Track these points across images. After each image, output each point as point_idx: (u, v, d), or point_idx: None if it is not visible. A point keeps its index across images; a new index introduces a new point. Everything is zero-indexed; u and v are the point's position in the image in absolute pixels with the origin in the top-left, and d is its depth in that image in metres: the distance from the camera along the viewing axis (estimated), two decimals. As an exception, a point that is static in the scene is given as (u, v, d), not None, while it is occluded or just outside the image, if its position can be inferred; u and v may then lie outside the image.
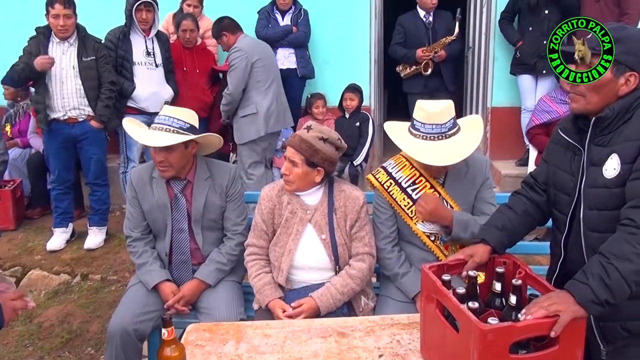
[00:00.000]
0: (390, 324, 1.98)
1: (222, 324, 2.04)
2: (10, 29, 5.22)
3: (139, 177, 2.55)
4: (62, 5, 3.91)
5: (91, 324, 3.35)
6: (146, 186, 2.53)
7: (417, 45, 4.93)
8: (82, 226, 4.53)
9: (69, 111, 4.10)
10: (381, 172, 2.45)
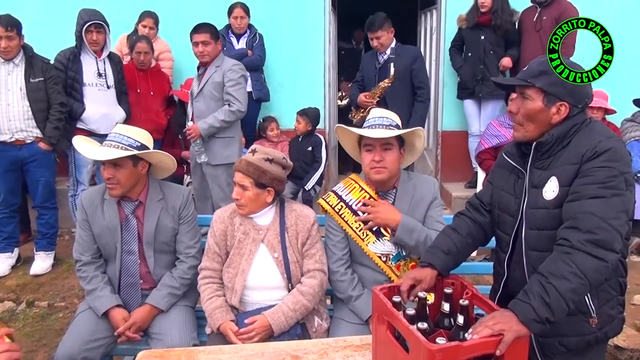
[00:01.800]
0: (344, 346, 1.99)
1: (174, 350, 2.01)
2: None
3: (90, 199, 2.51)
4: (3, 28, 3.85)
5: (37, 353, 3.22)
6: (97, 208, 2.49)
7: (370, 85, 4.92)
8: (28, 251, 4.37)
9: (15, 133, 3.98)
10: (332, 195, 2.50)
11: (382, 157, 2.34)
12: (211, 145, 4.10)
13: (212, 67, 4.05)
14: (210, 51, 4.03)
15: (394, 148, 2.35)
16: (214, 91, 4.04)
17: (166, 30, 5.21)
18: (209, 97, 4.07)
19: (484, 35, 4.90)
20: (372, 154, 2.35)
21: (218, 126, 4.01)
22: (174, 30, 5.15)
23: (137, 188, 2.51)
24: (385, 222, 2.36)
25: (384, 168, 2.35)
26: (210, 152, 4.10)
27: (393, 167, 2.36)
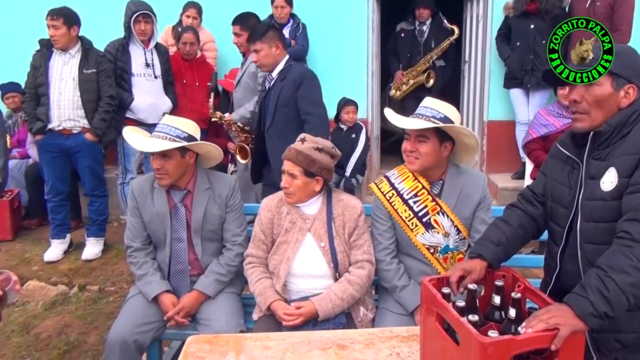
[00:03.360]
0: (390, 337, 1.99)
1: (221, 336, 2.05)
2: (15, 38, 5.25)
3: (140, 187, 2.57)
4: (50, 17, 3.99)
5: (89, 335, 3.34)
6: (147, 196, 2.55)
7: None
8: (79, 237, 4.53)
9: (64, 122, 4.12)
10: (384, 181, 2.48)
11: (415, 148, 2.32)
12: None
13: (250, 58, 4.05)
14: (243, 42, 4.10)
15: (430, 141, 2.30)
16: (249, 81, 4.10)
17: (210, 21, 5.26)
18: (245, 87, 4.13)
19: (533, 24, 4.74)
20: (408, 142, 2.34)
21: (249, 117, 4.06)
22: (218, 21, 5.19)
23: (186, 177, 2.55)
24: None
25: (416, 159, 2.33)
26: None
27: (426, 159, 2.33)
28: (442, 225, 2.37)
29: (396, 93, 5.57)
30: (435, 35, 5.39)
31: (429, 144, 2.31)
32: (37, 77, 4.13)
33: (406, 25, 5.56)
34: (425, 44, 5.43)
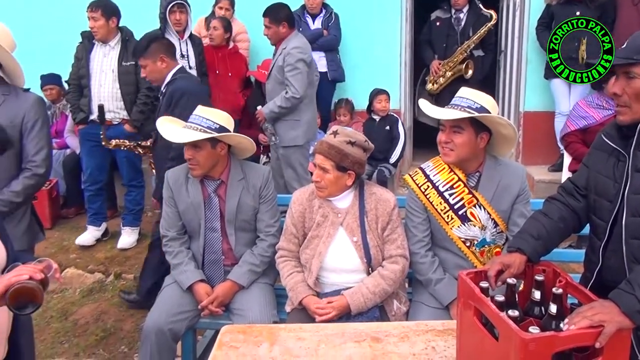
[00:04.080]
0: (425, 330, 1.96)
1: (255, 326, 2.05)
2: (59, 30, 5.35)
3: (175, 177, 2.59)
4: (89, 9, 4.04)
5: (124, 322, 3.41)
6: (182, 186, 2.57)
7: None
8: (115, 226, 4.62)
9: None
10: (419, 173, 2.44)
11: (450, 139, 2.27)
12: (278, 128, 4.17)
13: (279, 50, 4.10)
14: (272, 35, 4.09)
15: (465, 132, 2.25)
16: (277, 74, 4.08)
17: (243, 12, 5.26)
18: (274, 80, 4.13)
19: (579, 10, 4.58)
20: (443, 133, 2.30)
21: (277, 111, 4.07)
22: (251, 12, 5.18)
23: (219, 168, 2.56)
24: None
25: (451, 150, 2.28)
26: (279, 134, 4.18)
27: (462, 150, 2.27)
28: (479, 218, 2.33)
29: (433, 87, 5.27)
30: (473, 23, 5.14)
31: (464, 135, 2.26)
32: (79, 69, 4.21)
33: (441, 13, 5.33)
34: (463, 32, 5.17)
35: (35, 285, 1.45)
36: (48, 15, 5.55)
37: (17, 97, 2.41)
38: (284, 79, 4.03)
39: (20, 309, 1.45)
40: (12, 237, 2.15)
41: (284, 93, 4.01)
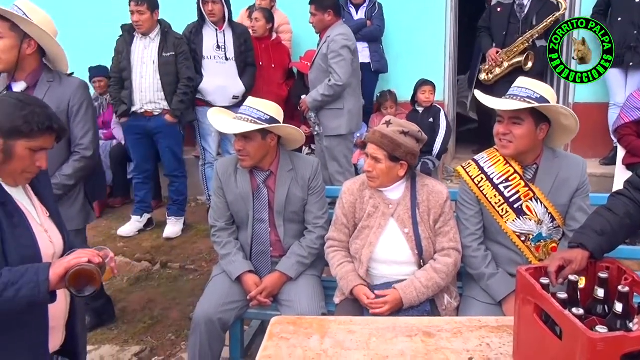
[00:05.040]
0: (479, 326, 1.91)
1: (305, 318, 2.04)
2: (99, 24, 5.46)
3: (225, 168, 2.61)
4: (134, 2, 4.09)
5: (171, 310, 3.47)
6: (231, 177, 2.58)
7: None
8: (161, 216, 4.70)
9: (145, 105, 4.26)
10: (472, 165, 2.38)
11: (509, 131, 2.20)
12: (322, 118, 4.15)
13: (324, 39, 4.09)
14: (317, 22, 4.09)
15: (525, 123, 2.17)
16: (321, 63, 4.06)
17: (286, 3, 5.25)
18: (318, 69, 4.11)
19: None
20: (500, 125, 2.22)
21: (320, 100, 4.04)
22: (293, 3, 5.18)
23: (268, 159, 2.56)
24: None
25: (510, 142, 2.21)
26: (322, 124, 4.16)
27: (521, 142, 2.20)
28: (535, 212, 2.25)
29: (487, 77, 4.99)
30: (538, 11, 4.82)
31: (524, 126, 2.18)
32: (120, 62, 4.29)
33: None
34: (525, 20, 4.84)
35: (94, 268, 1.49)
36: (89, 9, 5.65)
37: (62, 82, 2.47)
38: (327, 67, 4.01)
39: (79, 291, 1.49)
40: (68, 217, 2.27)
41: (327, 81, 3.99)
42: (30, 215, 1.62)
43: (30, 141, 1.56)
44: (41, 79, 2.41)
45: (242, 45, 4.51)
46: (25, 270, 1.44)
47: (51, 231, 1.69)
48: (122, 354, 3.04)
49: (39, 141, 1.58)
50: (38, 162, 1.60)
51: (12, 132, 1.53)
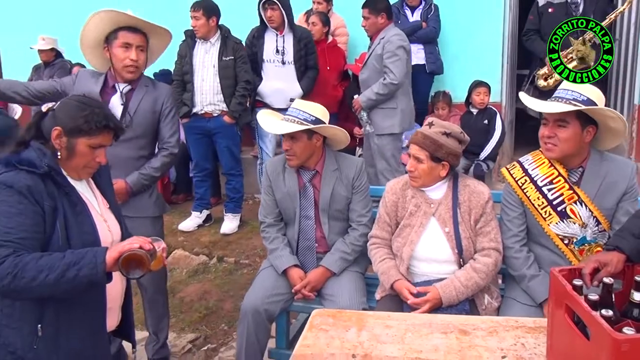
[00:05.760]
0: (515, 326, 1.93)
1: (345, 312, 2.12)
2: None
3: (274, 167, 2.73)
4: (193, 9, 4.33)
5: (225, 302, 3.64)
6: (279, 176, 2.70)
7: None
8: (219, 212, 4.91)
9: (205, 106, 4.47)
10: (517, 167, 2.38)
11: (554, 134, 2.18)
12: (374, 117, 4.22)
13: (377, 40, 4.17)
14: (370, 25, 4.18)
15: (570, 126, 2.15)
16: (375, 63, 4.14)
17: (342, 6, 5.34)
18: (371, 69, 4.18)
19: None
20: (545, 128, 2.21)
21: (374, 99, 4.12)
22: (349, 6, 5.25)
23: (314, 158, 2.66)
24: None
25: (554, 145, 2.20)
26: (374, 123, 4.23)
27: (566, 145, 2.18)
28: (580, 215, 2.23)
29: (547, 83, 4.59)
30: (594, 9, 4.61)
31: (570, 129, 2.16)
32: (183, 66, 4.52)
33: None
34: None
35: (144, 254, 1.64)
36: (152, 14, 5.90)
37: (155, 87, 2.72)
38: (382, 67, 4.09)
39: (128, 273, 1.65)
40: (148, 205, 2.66)
41: (382, 79, 4.07)
42: (91, 205, 1.80)
43: (90, 139, 1.74)
44: (140, 83, 2.66)
45: (303, 49, 4.62)
46: (86, 253, 1.60)
47: (110, 221, 1.86)
48: (178, 340, 3.24)
49: (98, 139, 1.75)
50: (97, 158, 1.78)
51: (74, 130, 1.71)
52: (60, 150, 1.72)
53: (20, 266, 1.53)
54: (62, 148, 1.72)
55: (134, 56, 2.54)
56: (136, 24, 2.57)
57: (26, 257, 1.55)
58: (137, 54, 2.56)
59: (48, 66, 5.99)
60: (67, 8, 6.07)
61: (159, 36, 2.67)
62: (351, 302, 2.49)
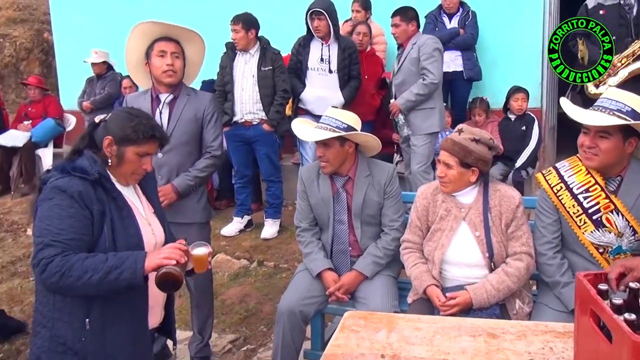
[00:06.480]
0: (544, 331, 1.94)
1: (376, 314, 2.18)
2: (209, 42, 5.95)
3: (308, 173, 2.83)
4: (233, 22, 4.50)
5: (264, 305, 3.76)
6: (314, 182, 2.79)
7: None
8: (259, 218, 5.05)
9: (245, 115, 4.62)
10: (553, 173, 2.38)
11: (595, 144, 2.16)
12: (412, 118, 4.32)
13: (409, 45, 4.31)
14: (400, 33, 4.32)
15: (612, 137, 2.13)
16: (411, 67, 4.25)
17: (380, 14, 5.38)
18: (407, 73, 4.29)
19: None
20: (586, 137, 2.19)
21: (414, 100, 4.23)
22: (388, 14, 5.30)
23: (347, 165, 2.74)
24: None
25: (595, 155, 2.18)
26: (413, 124, 4.33)
27: (607, 157, 2.16)
28: (616, 224, 2.21)
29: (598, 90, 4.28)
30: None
31: (611, 141, 2.13)
32: (224, 76, 4.69)
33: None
34: (637, 21, 4.40)
35: (179, 272, 1.74)
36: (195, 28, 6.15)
37: (197, 95, 2.88)
38: (418, 70, 4.22)
39: (163, 289, 1.77)
40: (195, 211, 2.82)
41: (421, 80, 4.20)
42: (137, 210, 1.94)
43: (138, 147, 1.88)
44: (182, 92, 2.82)
45: (347, 59, 4.69)
46: (126, 257, 1.73)
47: (154, 225, 2.00)
48: (219, 340, 3.37)
49: (144, 147, 1.90)
50: (144, 165, 1.93)
51: (123, 139, 1.87)
52: (111, 158, 1.87)
53: (67, 266, 1.66)
54: (112, 156, 1.87)
55: (170, 61, 2.71)
56: (168, 32, 2.74)
57: (73, 257, 1.69)
58: (172, 60, 2.72)
59: (100, 78, 6.31)
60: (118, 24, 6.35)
61: (192, 43, 2.81)
62: (383, 305, 2.55)
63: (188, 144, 2.79)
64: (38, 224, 1.74)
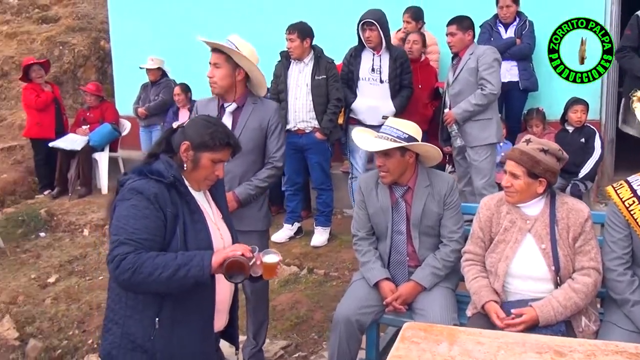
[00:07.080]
0: (615, 351, 1.87)
1: (436, 326, 2.15)
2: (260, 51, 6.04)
3: (367, 182, 2.83)
4: (288, 31, 4.54)
5: (315, 312, 3.76)
6: (372, 191, 2.79)
7: None
8: (309, 225, 5.08)
9: (298, 123, 4.65)
10: (624, 187, 2.32)
11: None
12: (469, 129, 4.25)
13: (466, 55, 4.24)
14: (456, 42, 4.25)
15: None
16: (469, 77, 4.18)
17: (433, 24, 5.34)
18: (464, 83, 4.22)
19: None
20: None
21: (472, 110, 4.16)
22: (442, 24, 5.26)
23: (407, 175, 2.73)
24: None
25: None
26: (469, 135, 4.25)
27: None
28: None
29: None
30: None
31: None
32: (278, 85, 4.75)
33: None
34: None
35: (245, 260, 1.81)
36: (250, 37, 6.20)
37: (263, 104, 2.93)
38: (476, 80, 4.16)
39: (230, 277, 1.82)
40: (257, 219, 2.87)
41: (479, 90, 4.13)
42: (207, 214, 2.00)
43: (213, 154, 1.94)
44: (247, 101, 2.88)
45: (398, 68, 4.66)
46: (194, 255, 1.80)
47: (222, 229, 2.05)
48: (271, 346, 3.40)
49: (219, 154, 1.96)
50: (217, 172, 1.98)
51: (200, 145, 1.93)
52: (187, 163, 1.94)
53: (139, 263, 1.74)
54: (188, 160, 1.94)
55: (210, 73, 2.79)
56: (212, 45, 2.81)
57: (144, 255, 1.76)
58: (211, 70, 2.79)
59: (154, 85, 6.48)
60: (174, 32, 6.58)
61: (235, 54, 2.81)
62: (442, 317, 2.52)
63: (252, 152, 2.83)
64: (115, 223, 1.82)
